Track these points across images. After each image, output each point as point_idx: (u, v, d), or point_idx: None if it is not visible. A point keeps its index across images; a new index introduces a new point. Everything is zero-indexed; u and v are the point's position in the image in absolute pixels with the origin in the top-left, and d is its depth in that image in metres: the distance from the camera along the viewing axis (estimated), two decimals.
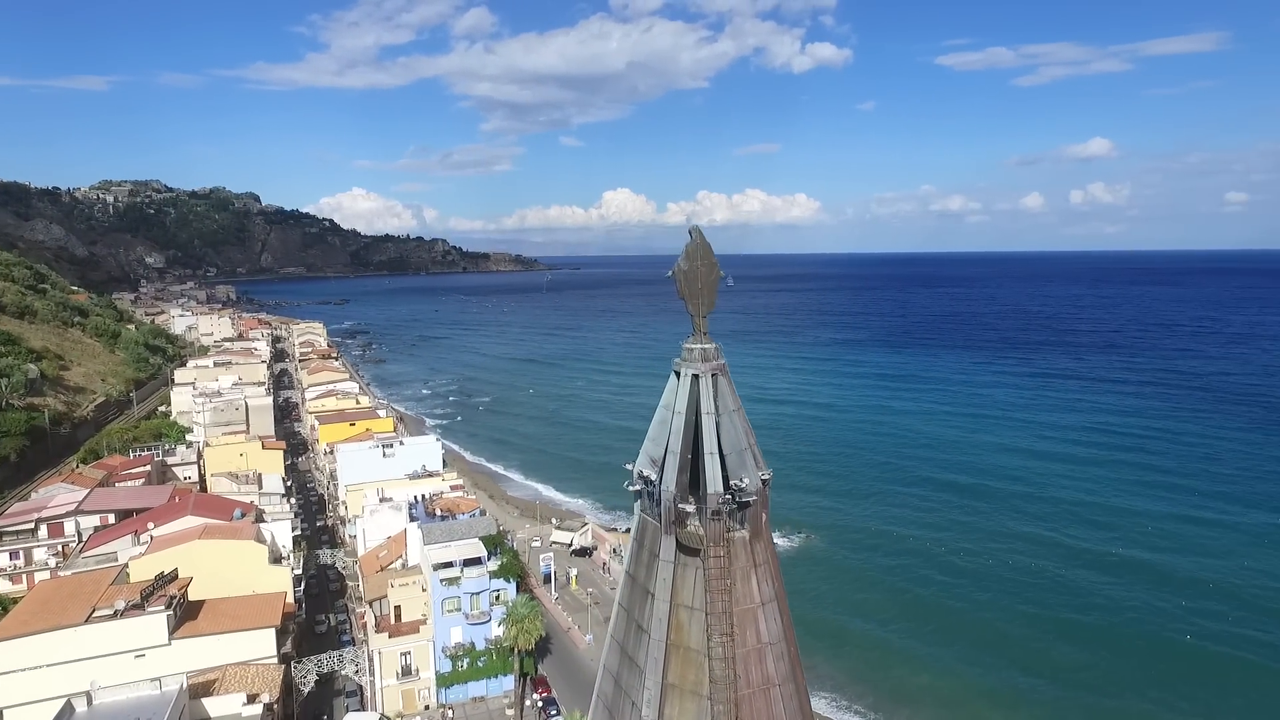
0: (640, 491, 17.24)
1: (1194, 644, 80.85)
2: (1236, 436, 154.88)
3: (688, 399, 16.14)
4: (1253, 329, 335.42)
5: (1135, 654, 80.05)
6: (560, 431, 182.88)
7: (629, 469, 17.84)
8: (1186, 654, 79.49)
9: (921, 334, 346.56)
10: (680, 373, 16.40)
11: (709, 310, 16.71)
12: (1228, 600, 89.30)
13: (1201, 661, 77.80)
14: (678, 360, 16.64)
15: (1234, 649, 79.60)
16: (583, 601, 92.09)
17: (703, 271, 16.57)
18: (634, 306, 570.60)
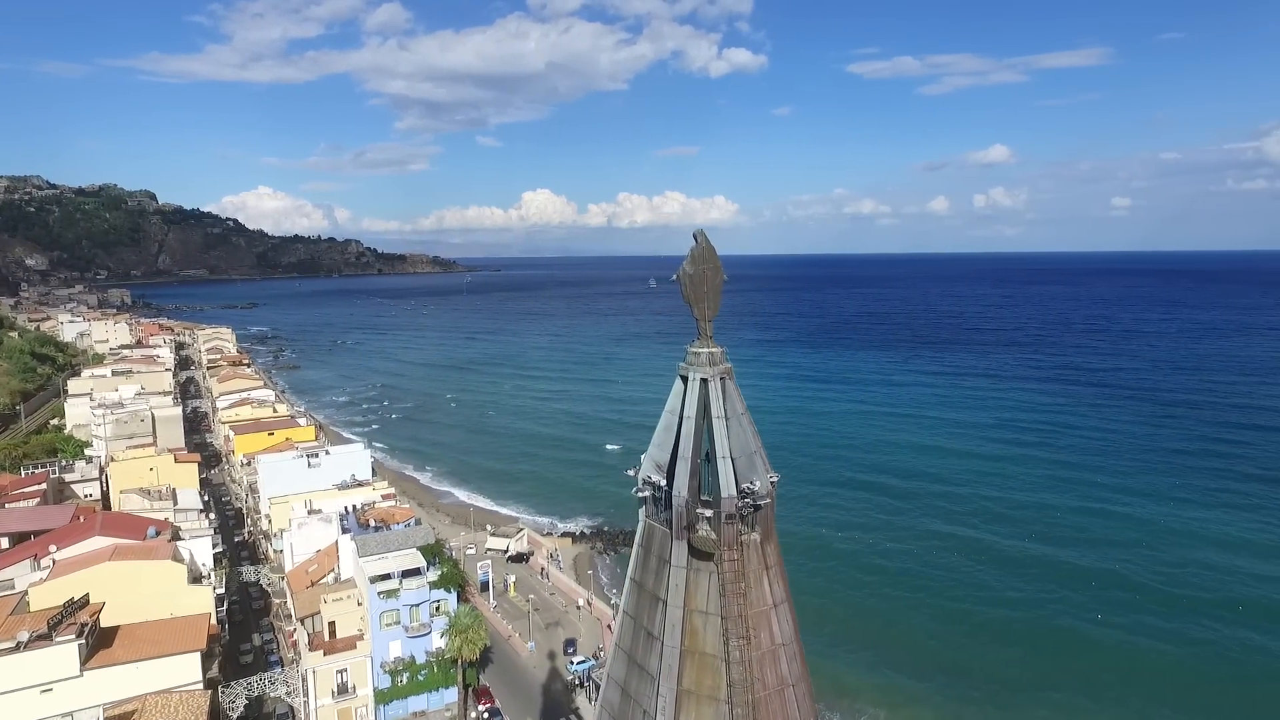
0: (646, 498, 17.09)
1: (1101, 632, 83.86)
2: (1131, 429, 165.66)
3: (697, 403, 16.11)
4: (1139, 325, 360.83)
5: (1048, 645, 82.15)
6: (488, 437, 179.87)
7: (631, 475, 17.67)
8: (1095, 643, 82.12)
9: (839, 334, 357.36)
10: (688, 377, 16.35)
11: (714, 314, 16.74)
12: (1130, 589, 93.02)
13: (1110, 650, 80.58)
14: (682, 364, 16.60)
15: (1136, 636, 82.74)
16: (522, 608, 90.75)
17: (708, 275, 16.59)
18: (556, 309, 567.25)
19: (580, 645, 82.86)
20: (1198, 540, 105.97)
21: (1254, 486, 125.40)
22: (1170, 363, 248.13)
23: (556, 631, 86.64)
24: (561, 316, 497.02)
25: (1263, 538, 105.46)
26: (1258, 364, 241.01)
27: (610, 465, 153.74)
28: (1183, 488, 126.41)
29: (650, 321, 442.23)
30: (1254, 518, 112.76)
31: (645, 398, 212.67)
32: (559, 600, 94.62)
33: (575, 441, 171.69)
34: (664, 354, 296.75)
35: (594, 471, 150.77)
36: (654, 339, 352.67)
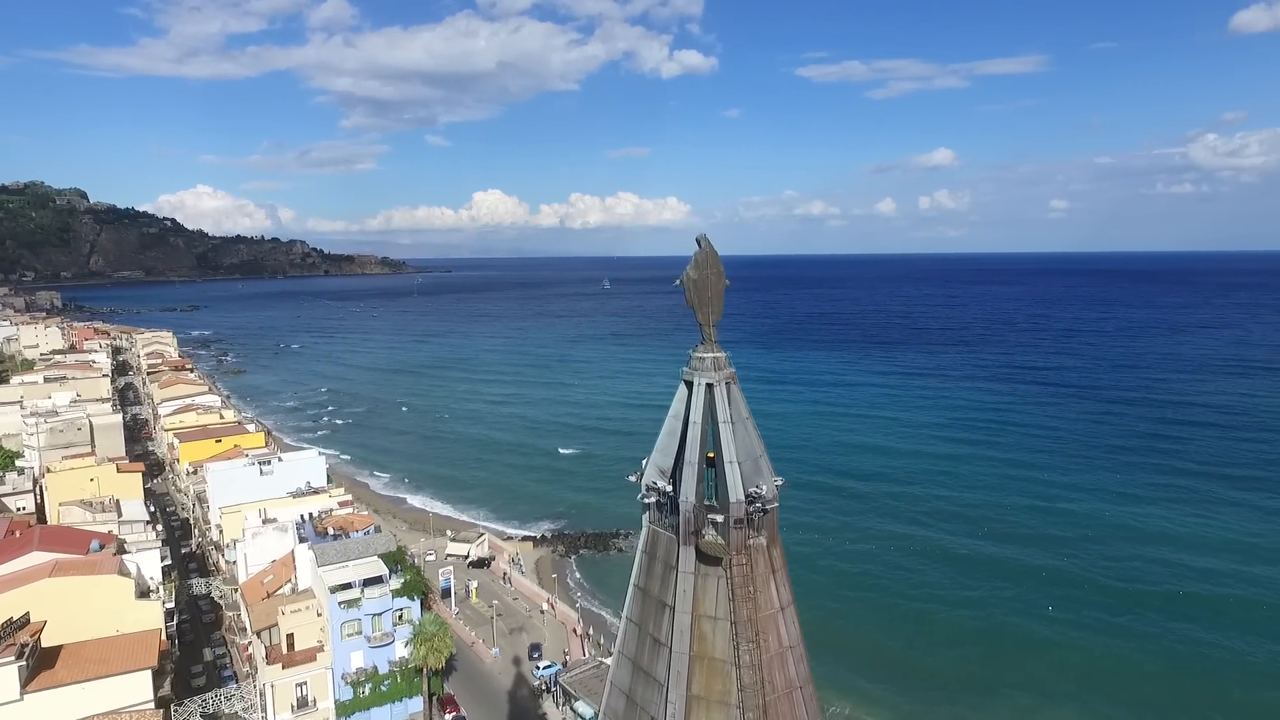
0: (651, 503, 17.00)
1: (1051, 629, 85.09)
2: (1074, 426, 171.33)
3: (703, 408, 16.09)
4: (1078, 324, 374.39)
5: (1001, 644, 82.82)
6: (443, 442, 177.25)
7: (632, 480, 17.56)
8: (1046, 640, 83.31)
9: (791, 334, 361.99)
10: (694, 382, 16.32)
11: (717, 319, 16.74)
12: (1078, 585, 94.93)
13: (1061, 647, 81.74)
14: (686, 369, 16.56)
15: (1085, 632, 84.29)
16: (485, 614, 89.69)
17: (712, 280, 16.59)
18: (509, 310, 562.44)
19: (545, 650, 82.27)
20: (1140, 534, 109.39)
21: (1190, 481, 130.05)
22: (1108, 360, 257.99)
23: (521, 637, 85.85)
24: (514, 318, 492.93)
25: (1201, 531, 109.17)
26: (1189, 361, 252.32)
27: (568, 469, 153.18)
28: (1124, 483, 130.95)
29: (605, 323, 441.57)
30: (1191, 511, 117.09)
31: (601, 401, 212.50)
32: (522, 605, 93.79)
33: (532, 445, 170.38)
34: (619, 356, 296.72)
35: (552, 475, 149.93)
36: (609, 341, 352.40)
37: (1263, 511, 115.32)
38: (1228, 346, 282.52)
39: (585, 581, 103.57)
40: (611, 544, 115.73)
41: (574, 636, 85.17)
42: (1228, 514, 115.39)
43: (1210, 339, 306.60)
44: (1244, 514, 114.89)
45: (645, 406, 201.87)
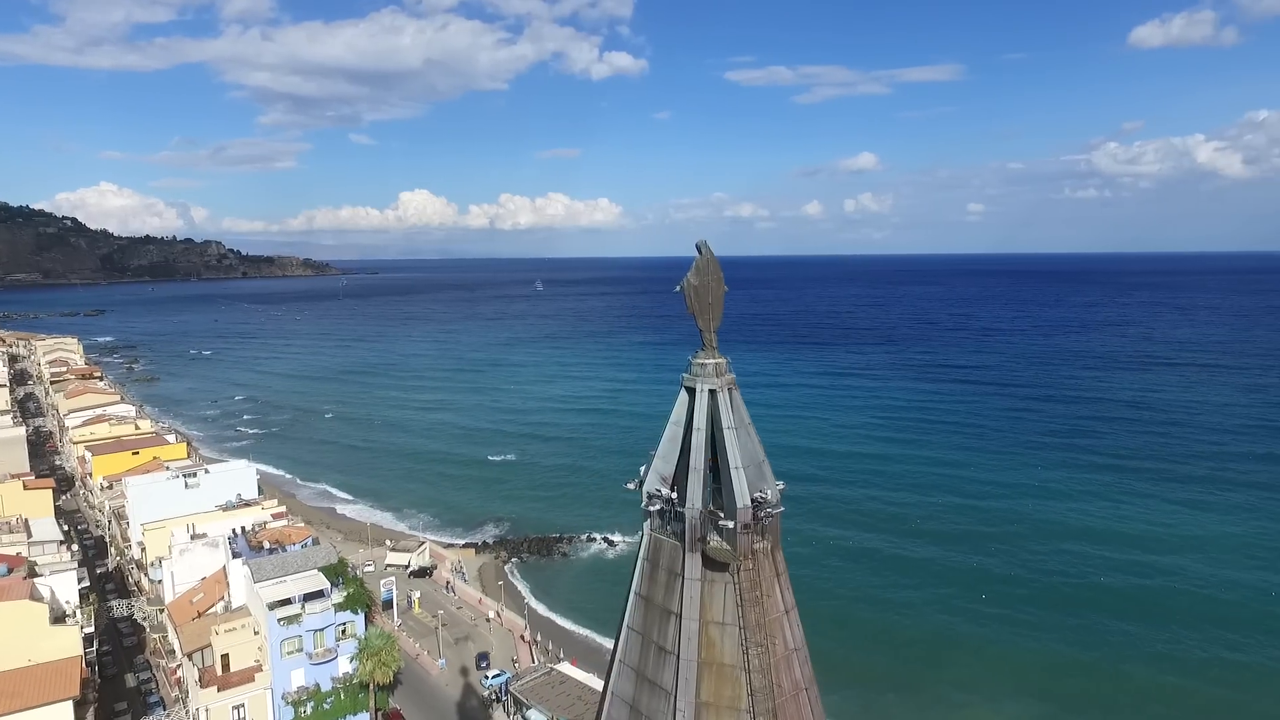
0: (653, 511, 16.88)
1: (981, 628, 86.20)
2: (996, 422, 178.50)
3: (706, 414, 16.09)
4: (997, 323, 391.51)
5: (933, 644, 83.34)
6: (376, 449, 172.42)
7: (630, 488, 17.43)
8: (977, 638, 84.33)
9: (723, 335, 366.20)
10: (696, 388, 16.29)
11: (717, 325, 16.78)
12: (1004, 581, 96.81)
13: (991, 643, 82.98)
14: (687, 375, 16.54)
15: (1010, 627, 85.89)
16: (429, 625, 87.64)
17: (712, 286, 16.62)
18: (439, 312, 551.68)
19: (493, 658, 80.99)
20: (1060, 528, 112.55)
21: (1105, 475, 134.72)
22: (1026, 357, 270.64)
23: (467, 646, 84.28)
24: (445, 321, 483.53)
25: (1115, 525, 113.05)
26: (1099, 357, 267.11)
27: (506, 475, 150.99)
28: (1044, 478, 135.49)
29: (538, 326, 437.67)
30: (1105, 504, 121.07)
31: (537, 406, 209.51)
32: (467, 614, 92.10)
33: (467, 452, 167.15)
34: (554, 359, 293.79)
35: (490, 482, 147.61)
36: (543, 343, 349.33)
37: (1170, 503, 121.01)
38: (1133, 343, 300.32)
39: (531, 587, 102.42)
40: (555, 549, 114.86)
41: (522, 643, 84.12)
42: (1139, 506, 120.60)
43: (1116, 336, 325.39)
44: (1154, 505, 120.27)
45: (583, 411, 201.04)
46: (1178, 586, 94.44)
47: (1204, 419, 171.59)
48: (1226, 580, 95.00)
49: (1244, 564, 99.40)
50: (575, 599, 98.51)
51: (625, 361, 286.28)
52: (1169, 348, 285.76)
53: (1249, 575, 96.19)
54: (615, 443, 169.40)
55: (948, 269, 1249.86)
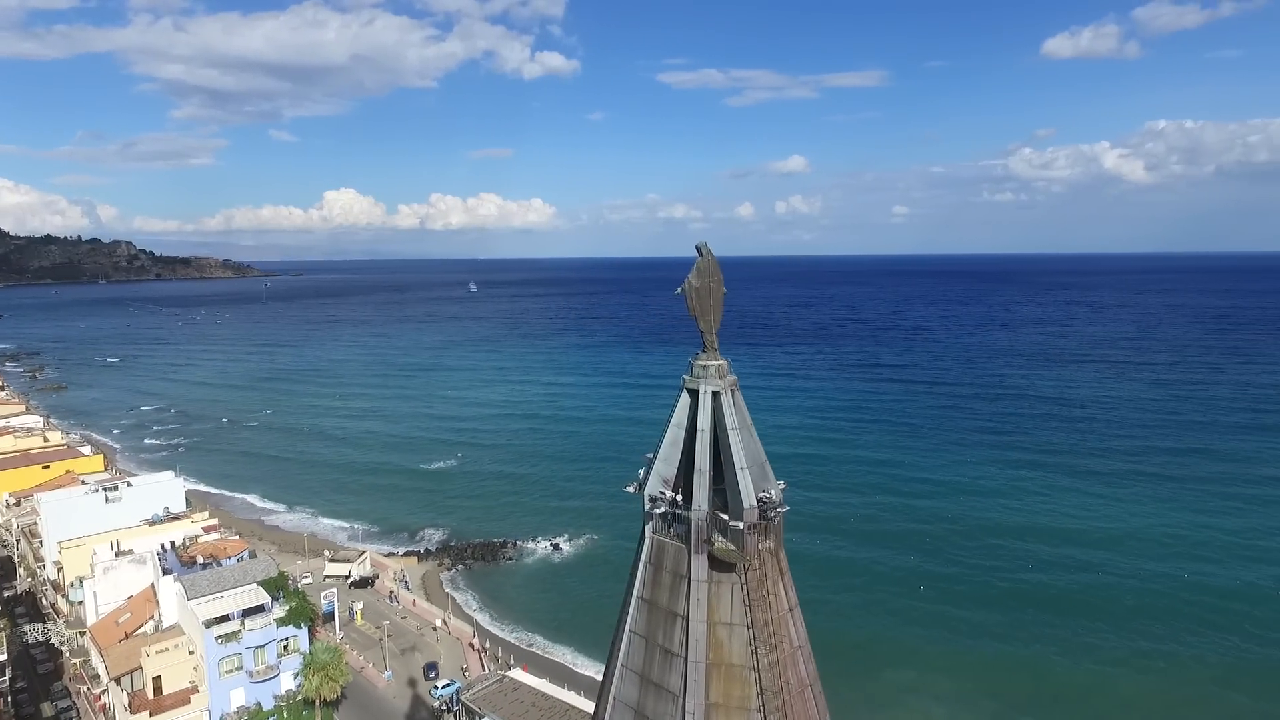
0: (655, 513, 16.80)
1: (919, 626, 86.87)
2: (928, 418, 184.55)
3: (711, 416, 16.11)
4: (923, 322, 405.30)
5: (874, 648, 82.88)
6: (307, 458, 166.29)
7: (630, 491, 17.32)
8: (912, 637, 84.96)
9: (661, 336, 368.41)
10: (700, 390, 16.29)
11: (717, 326, 16.83)
12: (939, 580, 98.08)
13: (930, 641, 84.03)
14: (689, 377, 16.54)
15: (946, 626, 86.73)
16: (373, 636, 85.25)
17: (714, 288, 16.66)
18: (369, 315, 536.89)
19: (442, 668, 79.35)
20: (990, 525, 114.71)
21: (1029, 472, 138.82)
22: (952, 355, 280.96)
23: (414, 657, 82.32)
24: (375, 324, 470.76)
25: (1042, 520, 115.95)
26: (1019, 354, 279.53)
27: (445, 481, 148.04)
28: (973, 474, 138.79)
29: (473, 328, 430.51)
30: (1032, 501, 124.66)
31: (472, 411, 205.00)
32: (413, 623, 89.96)
33: (404, 458, 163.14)
34: (490, 363, 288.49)
35: (430, 488, 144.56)
36: (478, 346, 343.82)
37: (1091, 496, 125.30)
38: (1050, 340, 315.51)
39: (478, 594, 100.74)
40: (500, 554, 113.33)
41: (471, 651, 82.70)
42: (1062, 501, 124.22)
43: (1036, 333, 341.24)
44: (1076, 500, 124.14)
45: (522, 416, 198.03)
46: (1101, 580, 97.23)
47: (1118, 414, 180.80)
48: (1145, 572, 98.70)
49: (1159, 556, 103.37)
50: (524, 604, 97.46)
51: (563, 364, 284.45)
52: (1083, 344, 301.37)
53: (1165, 566, 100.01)
54: (556, 447, 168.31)
55: (875, 269, 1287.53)
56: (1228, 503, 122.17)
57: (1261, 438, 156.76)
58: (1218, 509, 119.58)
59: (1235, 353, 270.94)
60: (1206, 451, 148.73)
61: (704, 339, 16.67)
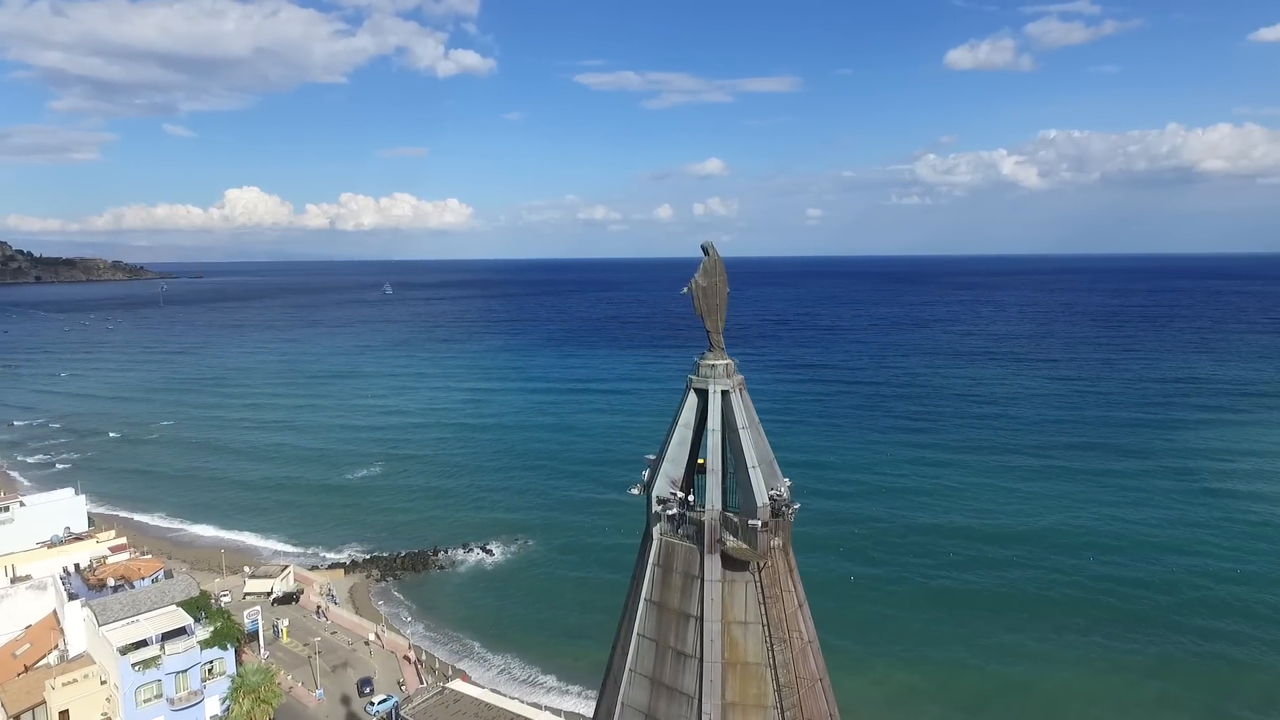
0: (663, 514, 16.64)
1: (831, 638, 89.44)
2: (849, 415, 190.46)
3: (720, 415, 16.09)
4: (839, 321, 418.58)
5: None
6: (218, 470, 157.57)
7: (635, 493, 17.11)
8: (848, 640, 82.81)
9: (585, 337, 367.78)
10: (709, 390, 16.26)
11: (722, 326, 16.83)
12: (865, 583, 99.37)
13: (837, 657, 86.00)
14: (696, 377, 16.49)
15: (865, 635, 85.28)
16: (301, 654, 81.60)
17: (719, 287, 16.66)
18: (277, 320, 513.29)
19: (377, 683, 76.72)
20: (911, 524, 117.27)
21: (947, 470, 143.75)
22: (867, 354, 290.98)
23: (346, 673, 79.27)
24: (285, 328, 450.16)
25: (960, 519, 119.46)
26: (931, 350, 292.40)
27: (367, 490, 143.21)
28: (893, 471, 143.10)
29: (389, 332, 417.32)
30: (956, 499, 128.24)
31: (392, 422, 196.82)
32: (343, 638, 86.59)
33: (323, 468, 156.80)
34: (407, 368, 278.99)
35: (353, 498, 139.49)
36: (395, 351, 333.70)
37: (1002, 492, 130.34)
38: (959, 339, 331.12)
39: (410, 605, 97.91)
40: (430, 563, 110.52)
41: (407, 664, 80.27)
42: (976, 497, 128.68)
43: (945, 332, 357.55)
44: (989, 495, 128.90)
45: (443, 423, 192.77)
46: (1016, 575, 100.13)
47: (1024, 410, 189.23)
48: (1057, 565, 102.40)
49: (1070, 549, 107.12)
50: (459, 612, 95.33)
51: (485, 368, 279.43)
52: (989, 341, 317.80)
53: (1075, 559, 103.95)
54: (482, 453, 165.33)
55: (791, 270, 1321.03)
56: (1127, 494, 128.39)
57: (1152, 431, 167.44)
58: (1119, 500, 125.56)
59: (1124, 349, 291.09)
60: (1105, 446, 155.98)
61: (710, 338, 16.67)
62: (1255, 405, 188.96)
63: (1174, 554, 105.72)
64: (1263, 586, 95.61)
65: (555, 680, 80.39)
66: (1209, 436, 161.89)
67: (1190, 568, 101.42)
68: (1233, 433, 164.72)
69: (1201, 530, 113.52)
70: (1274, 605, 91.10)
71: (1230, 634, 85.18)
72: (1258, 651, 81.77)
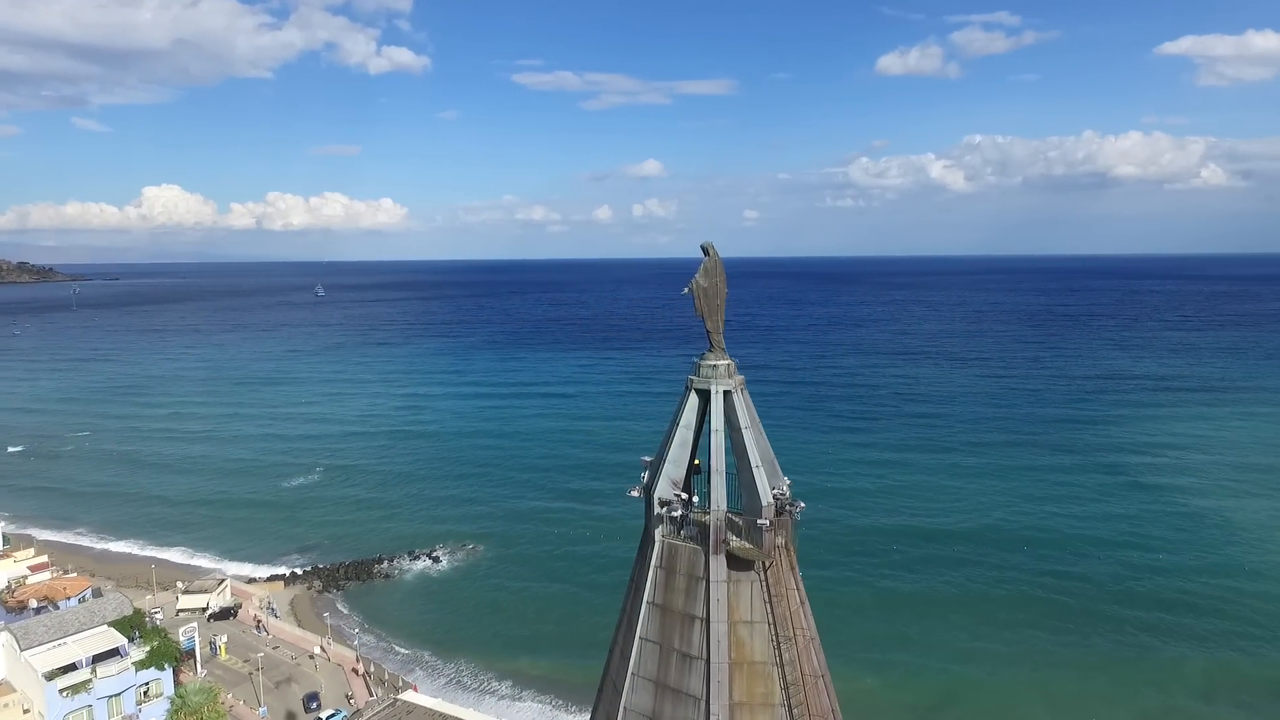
0: (669, 516, 16.47)
1: None
2: (788, 415, 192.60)
3: (724, 416, 16.03)
4: (777, 321, 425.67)
5: None
6: (142, 482, 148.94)
7: (634, 495, 16.92)
8: None
9: (528, 339, 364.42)
10: (711, 390, 16.18)
11: (723, 326, 16.79)
12: (813, 585, 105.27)
13: None
14: (697, 378, 16.41)
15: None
16: (242, 671, 78.41)
17: (720, 288, 16.61)
18: (200, 322, 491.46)
19: (325, 698, 74.35)
20: (853, 523, 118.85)
21: (886, 469, 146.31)
22: (806, 353, 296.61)
23: (291, 689, 76.55)
24: (210, 332, 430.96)
25: (905, 520, 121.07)
26: (868, 350, 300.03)
27: (303, 499, 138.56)
28: (832, 469, 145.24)
29: (322, 335, 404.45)
30: (899, 499, 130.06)
31: (329, 431, 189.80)
32: (286, 653, 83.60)
33: (257, 477, 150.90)
34: (341, 374, 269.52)
35: (289, 507, 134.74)
36: (328, 354, 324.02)
37: (942, 491, 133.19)
38: (895, 338, 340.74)
39: (356, 615, 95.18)
40: (375, 572, 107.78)
41: (355, 677, 78.00)
42: (919, 494, 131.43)
43: (881, 330, 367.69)
44: (932, 494, 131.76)
45: (383, 428, 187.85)
46: (956, 575, 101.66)
47: (960, 409, 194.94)
48: (995, 562, 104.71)
49: (1011, 546, 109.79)
50: (408, 621, 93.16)
51: (425, 371, 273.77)
52: (923, 340, 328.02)
53: (1012, 556, 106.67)
54: (424, 459, 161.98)
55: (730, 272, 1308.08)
56: (1057, 489, 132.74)
57: (1079, 426, 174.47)
58: (1050, 495, 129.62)
59: (1049, 346, 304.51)
60: (1036, 443, 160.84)
61: (710, 338, 16.61)
62: (1173, 400, 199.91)
63: (1108, 548, 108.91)
64: (1188, 576, 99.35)
65: (509, 688, 79.40)
66: (1133, 431, 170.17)
67: (1124, 561, 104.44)
68: (1153, 426, 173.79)
69: (1130, 523, 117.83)
70: (1203, 594, 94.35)
71: (1166, 626, 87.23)
72: (1191, 642, 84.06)
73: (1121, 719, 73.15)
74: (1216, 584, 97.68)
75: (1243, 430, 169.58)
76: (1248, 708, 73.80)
